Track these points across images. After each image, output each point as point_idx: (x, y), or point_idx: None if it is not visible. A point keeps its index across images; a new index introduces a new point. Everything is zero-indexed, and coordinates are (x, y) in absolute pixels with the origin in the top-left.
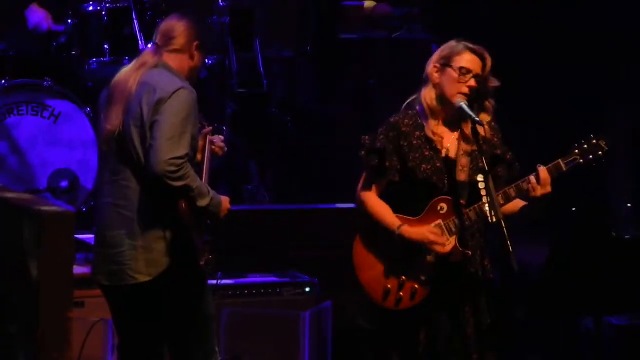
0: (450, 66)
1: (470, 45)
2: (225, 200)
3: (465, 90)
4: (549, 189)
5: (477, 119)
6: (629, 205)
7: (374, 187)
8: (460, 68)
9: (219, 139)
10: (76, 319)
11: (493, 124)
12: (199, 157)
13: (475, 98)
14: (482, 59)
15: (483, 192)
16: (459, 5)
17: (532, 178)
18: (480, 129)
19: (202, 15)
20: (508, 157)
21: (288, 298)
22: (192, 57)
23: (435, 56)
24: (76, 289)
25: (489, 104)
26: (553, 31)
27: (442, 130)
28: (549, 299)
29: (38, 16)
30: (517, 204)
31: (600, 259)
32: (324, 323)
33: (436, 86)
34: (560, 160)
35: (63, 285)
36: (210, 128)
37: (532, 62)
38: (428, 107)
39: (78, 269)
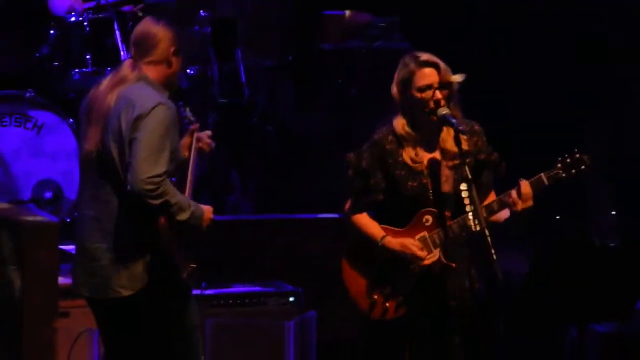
0: (410, 88)
1: (420, 59)
2: (207, 211)
3: (432, 105)
4: (530, 203)
5: (460, 127)
6: (612, 212)
7: (360, 204)
8: (419, 88)
9: (205, 135)
10: (61, 329)
11: (476, 127)
12: (185, 154)
13: (445, 101)
14: (436, 66)
15: (466, 201)
16: (438, 14)
17: (514, 192)
18: (463, 137)
19: (183, 25)
20: (493, 158)
21: (272, 308)
22: (169, 65)
23: (395, 78)
24: (61, 299)
25: (455, 104)
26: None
27: (421, 153)
28: (533, 307)
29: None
30: (502, 214)
31: (584, 268)
32: (308, 332)
33: (404, 112)
34: (542, 174)
35: (48, 295)
36: (197, 125)
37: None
38: (402, 135)
39: (63, 280)
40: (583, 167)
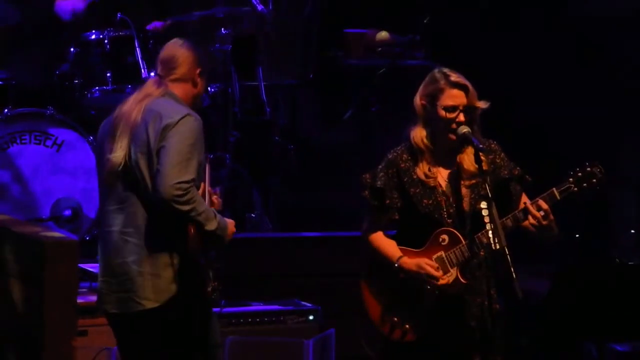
0: (436, 105)
1: (451, 79)
2: (230, 224)
3: (454, 126)
4: (538, 216)
5: (481, 146)
6: (632, 231)
7: (377, 224)
8: (445, 107)
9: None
10: (79, 348)
11: (493, 145)
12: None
13: (468, 125)
14: (465, 89)
15: (486, 220)
16: (460, 31)
17: (524, 210)
18: (483, 156)
19: (204, 43)
20: (516, 172)
21: (291, 326)
22: (195, 85)
23: (421, 91)
24: (80, 318)
25: (477, 128)
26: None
27: (435, 170)
28: (552, 326)
29: (70, 2)
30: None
31: (604, 286)
32: (328, 351)
33: (425, 124)
34: (554, 189)
35: (67, 313)
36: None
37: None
38: (419, 148)
39: (82, 298)
40: (594, 180)
